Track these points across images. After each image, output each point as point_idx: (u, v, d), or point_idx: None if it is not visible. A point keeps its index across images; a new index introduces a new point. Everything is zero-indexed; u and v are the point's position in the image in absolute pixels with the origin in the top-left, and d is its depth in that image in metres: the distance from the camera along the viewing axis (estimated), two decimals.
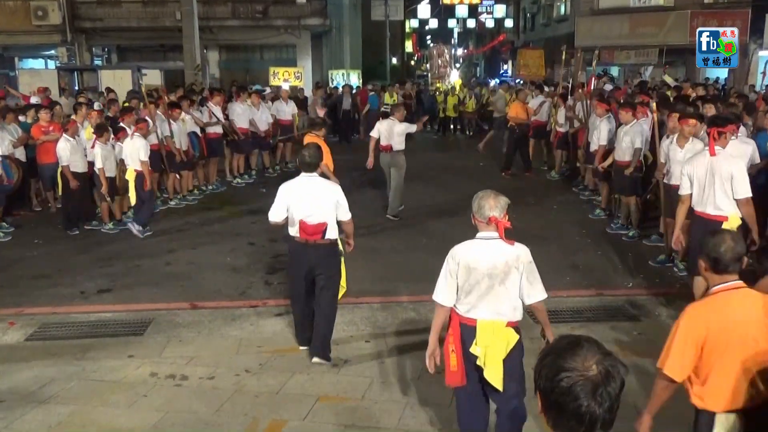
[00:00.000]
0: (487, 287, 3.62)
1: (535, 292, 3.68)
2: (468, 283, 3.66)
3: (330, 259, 5.40)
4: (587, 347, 1.66)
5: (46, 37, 23.59)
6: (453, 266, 3.71)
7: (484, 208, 3.62)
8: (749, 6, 20.03)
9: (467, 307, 3.71)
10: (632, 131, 8.69)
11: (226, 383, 5.05)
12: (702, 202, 5.94)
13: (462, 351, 3.71)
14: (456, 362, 3.71)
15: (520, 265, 3.62)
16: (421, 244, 8.80)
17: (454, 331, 3.75)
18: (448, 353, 3.75)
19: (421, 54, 60.51)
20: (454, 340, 3.73)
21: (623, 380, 1.64)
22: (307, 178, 5.37)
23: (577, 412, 1.61)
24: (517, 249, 3.65)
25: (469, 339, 3.68)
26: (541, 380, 1.67)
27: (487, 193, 3.71)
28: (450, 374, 3.77)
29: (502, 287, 3.62)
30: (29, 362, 5.46)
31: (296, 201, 5.26)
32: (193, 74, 18.70)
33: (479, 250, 3.66)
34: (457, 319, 3.75)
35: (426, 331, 5.98)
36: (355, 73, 27.07)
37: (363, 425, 4.48)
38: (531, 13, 37.09)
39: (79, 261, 8.26)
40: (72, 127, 9.42)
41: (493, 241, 3.64)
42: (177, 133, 10.81)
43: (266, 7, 24.43)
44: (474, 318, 3.68)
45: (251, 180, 13.28)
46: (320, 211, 5.25)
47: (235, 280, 7.49)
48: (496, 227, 3.62)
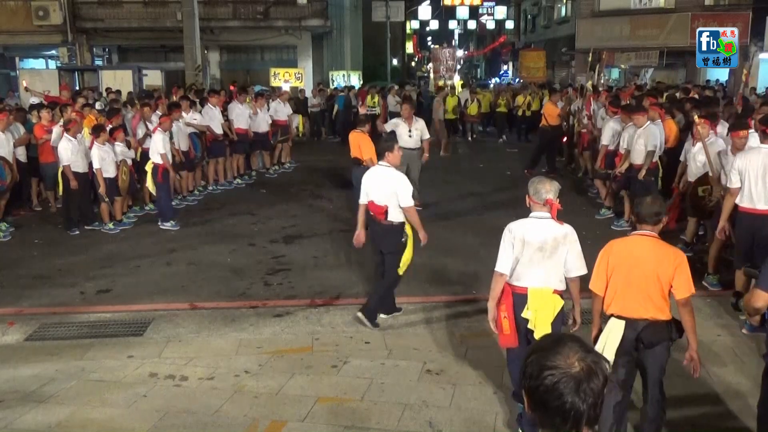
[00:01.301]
0: (538, 259, 4.16)
1: (576, 268, 4.22)
2: (521, 254, 4.18)
3: (390, 238, 6.09)
4: (570, 345, 1.68)
5: (47, 38, 23.62)
6: (510, 239, 4.23)
7: (540, 191, 4.16)
8: (750, 8, 20.07)
9: (519, 277, 4.22)
10: (645, 134, 8.51)
11: (226, 384, 5.05)
12: (752, 197, 5.94)
13: (514, 316, 4.23)
14: (508, 326, 4.25)
15: (567, 242, 4.16)
16: (420, 246, 8.78)
17: (506, 299, 4.27)
18: (501, 319, 4.29)
19: (421, 55, 60.57)
20: (506, 307, 4.26)
21: (606, 376, 1.66)
22: (380, 167, 6.09)
23: (561, 409, 1.63)
24: (565, 228, 4.19)
25: (521, 305, 4.20)
26: (527, 379, 1.69)
27: (543, 179, 4.28)
28: (504, 337, 4.31)
29: (551, 260, 4.16)
30: (29, 362, 5.47)
31: (369, 185, 6.10)
32: (194, 75, 18.72)
33: (533, 226, 4.19)
34: (510, 288, 4.27)
35: (426, 331, 6.02)
36: (356, 74, 27.10)
37: (362, 426, 4.48)
38: (532, 15, 37.15)
39: (79, 261, 8.26)
40: (73, 127, 9.42)
41: (545, 220, 4.17)
42: (177, 134, 10.80)
43: (267, 8, 24.47)
44: (525, 286, 4.21)
45: (251, 181, 13.29)
46: (383, 195, 5.97)
47: (234, 281, 7.49)
48: (549, 208, 4.14)
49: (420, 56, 60.71)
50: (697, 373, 3.96)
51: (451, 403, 4.74)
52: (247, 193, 12.41)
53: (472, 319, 6.31)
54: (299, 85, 20.95)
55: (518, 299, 4.22)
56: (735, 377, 5.07)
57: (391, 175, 5.98)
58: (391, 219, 6.00)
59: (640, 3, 22.77)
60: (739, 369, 5.19)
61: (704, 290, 6.81)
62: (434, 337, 5.91)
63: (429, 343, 5.77)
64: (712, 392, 4.87)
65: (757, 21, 19.75)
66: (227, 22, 24.68)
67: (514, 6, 42.29)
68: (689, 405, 4.71)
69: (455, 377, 5.12)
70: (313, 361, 5.42)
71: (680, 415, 4.50)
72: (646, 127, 8.56)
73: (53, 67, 23.95)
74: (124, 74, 19.31)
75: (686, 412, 4.63)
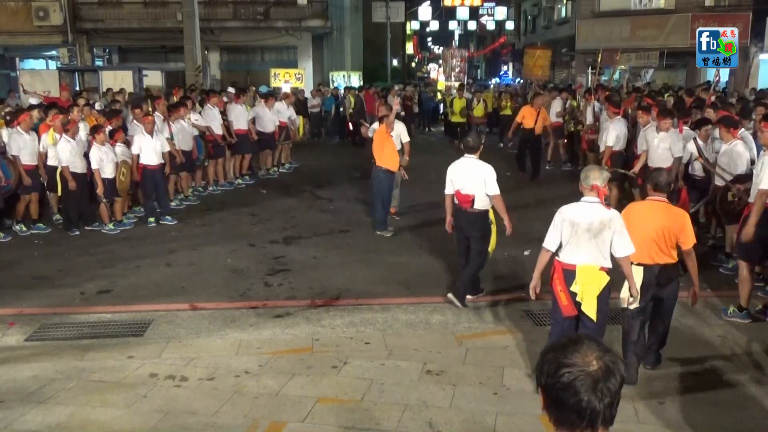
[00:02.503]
0: (586, 239, 4.63)
1: (623, 248, 4.64)
2: (571, 235, 4.66)
3: (477, 224, 6.60)
4: (588, 344, 1.69)
5: (48, 38, 23.62)
6: (559, 221, 4.74)
7: (589, 178, 4.66)
8: (750, 9, 20.07)
9: (569, 254, 4.71)
10: (669, 138, 8.40)
11: (226, 384, 5.05)
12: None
13: (567, 289, 4.70)
14: (565, 298, 4.73)
15: (612, 224, 4.62)
16: (420, 247, 8.81)
17: (558, 275, 4.77)
18: (558, 293, 4.78)
19: (422, 56, 60.56)
20: (560, 282, 4.75)
21: (623, 376, 1.66)
22: (466, 159, 6.59)
23: (577, 407, 1.63)
24: (611, 212, 4.67)
25: (570, 280, 4.69)
26: (543, 376, 1.69)
27: (593, 167, 4.93)
28: (563, 308, 4.77)
29: (597, 240, 4.62)
30: (29, 362, 5.46)
31: (455, 176, 6.58)
32: (194, 75, 18.71)
33: (582, 209, 4.69)
34: (561, 265, 4.77)
35: (426, 332, 6.02)
36: (356, 74, 27.09)
37: (362, 427, 4.47)
38: (532, 16, 37.13)
39: (79, 262, 8.26)
40: (72, 128, 9.42)
41: (593, 204, 4.67)
42: (178, 134, 10.80)
43: (267, 9, 24.47)
44: (574, 263, 4.69)
45: (252, 181, 13.29)
46: (470, 185, 6.47)
47: (235, 282, 7.49)
48: (597, 193, 4.64)
49: (420, 57, 60.70)
50: (696, 304, 5.11)
51: (451, 404, 4.74)
52: (248, 193, 12.41)
53: (472, 320, 6.31)
54: (299, 85, 20.93)
55: (567, 275, 4.72)
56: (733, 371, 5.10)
57: (479, 165, 6.51)
58: (477, 207, 6.49)
59: (640, 4, 22.75)
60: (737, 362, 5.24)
61: (702, 291, 6.83)
62: (434, 338, 5.91)
63: (429, 344, 5.76)
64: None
65: (757, 21, 19.75)
66: (227, 23, 24.68)
67: (515, 7, 42.27)
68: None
69: (455, 378, 5.12)
70: (313, 362, 5.42)
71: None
72: (671, 132, 8.43)
73: (53, 67, 23.92)
74: (124, 75, 19.29)
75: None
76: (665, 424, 4.47)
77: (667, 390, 4.92)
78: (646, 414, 4.56)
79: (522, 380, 5.07)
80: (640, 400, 4.70)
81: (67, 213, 9.61)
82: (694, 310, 6.00)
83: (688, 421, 4.51)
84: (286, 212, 10.80)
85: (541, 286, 5.03)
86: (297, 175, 14.43)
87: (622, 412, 1.54)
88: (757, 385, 4.97)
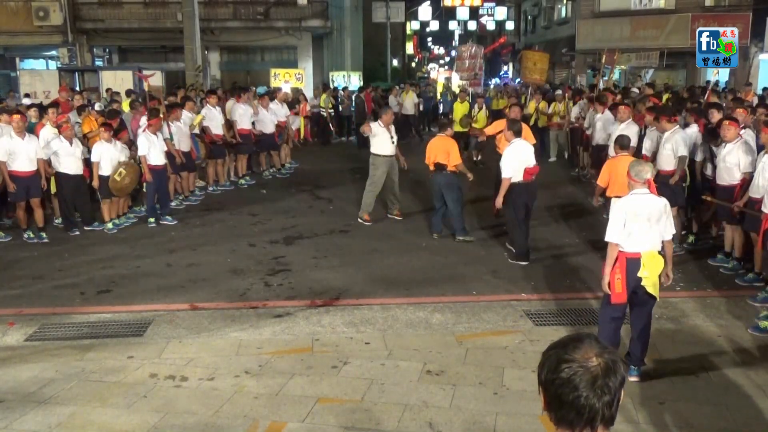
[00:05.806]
0: (647, 228, 4.97)
1: (670, 231, 5.09)
2: (633, 225, 4.95)
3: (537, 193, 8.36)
4: (589, 342, 1.70)
5: (48, 38, 23.63)
6: (622, 215, 4.99)
7: (641, 173, 5.04)
8: (750, 9, 20.05)
9: (632, 244, 4.96)
10: (673, 138, 8.21)
11: (226, 384, 5.05)
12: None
13: (626, 278, 4.95)
14: (621, 286, 4.99)
15: (666, 211, 5.05)
16: (420, 247, 8.81)
17: (620, 264, 4.99)
18: (614, 281, 5.02)
19: (422, 56, 60.55)
20: (620, 270, 4.98)
21: (624, 377, 1.66)
22: (519, 141, 7.99)
23: (576, 404, 1.63)
24: (662, 200, 5.11)
25: (634, 268, 4.93)
26: (543, 373, 1.70)
27: (641, 162, 5.30)
28: (615, 295, 5.01)
29: (656, 226, 5.00)
30: (29, 362, 5.46)
31: (523, 157, 7.91)
32: (194, 75, 18.72)
33: (639, 201, 5.03)
34: (623, 255, 4.99)
35: (426, 332, 6.01)
36: (356, 74, 27.07)
37: (362, 427, 4.47)
38: (532, 16, 37.13)
39: (79, 261, 8.26)
40: (66, 130, 9.40)
41: (646, 195, 5.06)
42: (177, 135, 10.80)
43: (267, 9, 24.48)
44: (639, 251, 4.95)
45: (253, 181, 13.28)
46: (534, 160, 8.01)
47: (235, 281, 7.49)
48: (647, 186, 5.07)
49: (420, 57, 60.71)
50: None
51: (451, 404, 4.74)
52: (248, 193, 12.41)
53: (472, 320, 6.31)
54: (299, 85, 20.92)
55: (631, 263, 4.95)
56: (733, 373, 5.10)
57: (529, 145, 8.17)
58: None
59: (640, 4, 22.73)
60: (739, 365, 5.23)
61: (703, 291, 6.84)
62: (434, 338, 5.91)
63: (429, 344, 5.76)
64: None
65: (757, 21, 19.73)
66: (227, 23, 24.69)
67: (515, 7, 42.28)
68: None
69: (455, 378, 5.12)
70: (313, 362, 5.42)
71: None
72: (674, 132, 8.29)
73: (53, 67, 23.94)
74: (124, 75, 19.30)
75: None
76: (665, 424, 4.47)
77: (667, 390, 4.91)
78: (646, 414, 4.56)
79: (522, 380, 5.06)
80: (640, 401, 4.70)
81: (66, 213, 9.61)
82: (693, 311, 5.99)
83: (688, 422, 4.51)
84: (286, 212, 10.80)
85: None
86: (297, 175, 14.42)
87: (622, 412, 1.53)
88: (757, 385, 4.98)
